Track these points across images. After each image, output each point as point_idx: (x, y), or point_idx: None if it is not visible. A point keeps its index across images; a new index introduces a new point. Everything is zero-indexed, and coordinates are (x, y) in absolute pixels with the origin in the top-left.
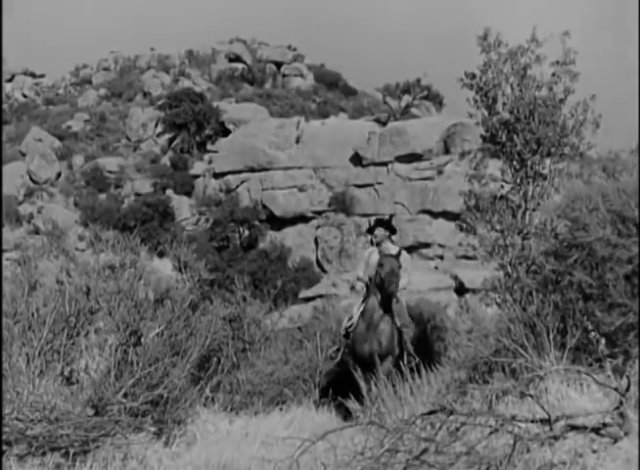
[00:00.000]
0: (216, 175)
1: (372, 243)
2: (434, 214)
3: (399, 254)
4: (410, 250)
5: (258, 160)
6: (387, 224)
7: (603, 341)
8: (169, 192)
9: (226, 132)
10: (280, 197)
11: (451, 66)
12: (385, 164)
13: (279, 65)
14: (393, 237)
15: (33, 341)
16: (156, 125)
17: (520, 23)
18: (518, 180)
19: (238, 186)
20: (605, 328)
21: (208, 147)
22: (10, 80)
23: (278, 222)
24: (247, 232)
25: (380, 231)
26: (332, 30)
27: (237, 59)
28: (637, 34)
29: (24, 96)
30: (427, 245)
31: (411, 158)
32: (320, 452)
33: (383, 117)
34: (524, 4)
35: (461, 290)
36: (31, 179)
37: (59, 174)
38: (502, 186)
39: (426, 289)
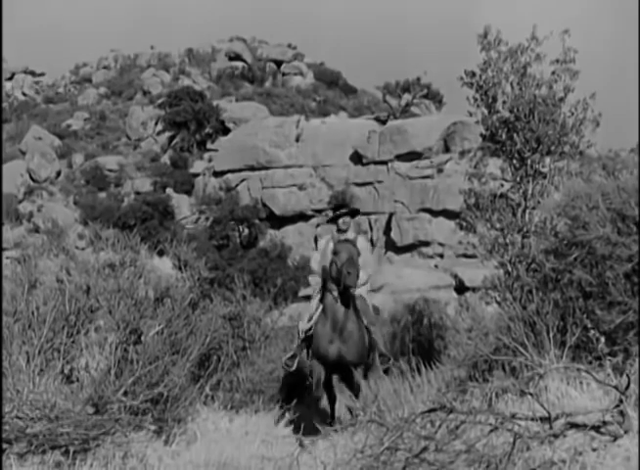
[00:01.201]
0: (216, 174)
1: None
2: (434, 213)
3: (355, 240)
4: (410, 248)
5: (258, 158)
6: (352, 212)
7: (603, 339)
8: (169, 190)
9: (226, 131)
10: (280, 195)
11: (451, 64)
12: (384, 162)
13: (279, 63)
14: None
15: (33, 339)
16: (156, 124)
17: (520, 22)
18: (518, 179)
19: (238, 185)
20: (605, 326)
21: (208, 145)
22: (10, 79)
23: (278, 221)
24: (247, 231)
25: (346, 220)
26: (332, 29)
27: (237, 57)
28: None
29: (24, 95)
30: (427, 243)
31: (411, 156)
32: (320, 451)
33: (382, 115)
34: (523, 3)
35: (461, 288)
36: (31, 178)
37: (59, 173)
38: (502, 184)
39: (426, 287)
